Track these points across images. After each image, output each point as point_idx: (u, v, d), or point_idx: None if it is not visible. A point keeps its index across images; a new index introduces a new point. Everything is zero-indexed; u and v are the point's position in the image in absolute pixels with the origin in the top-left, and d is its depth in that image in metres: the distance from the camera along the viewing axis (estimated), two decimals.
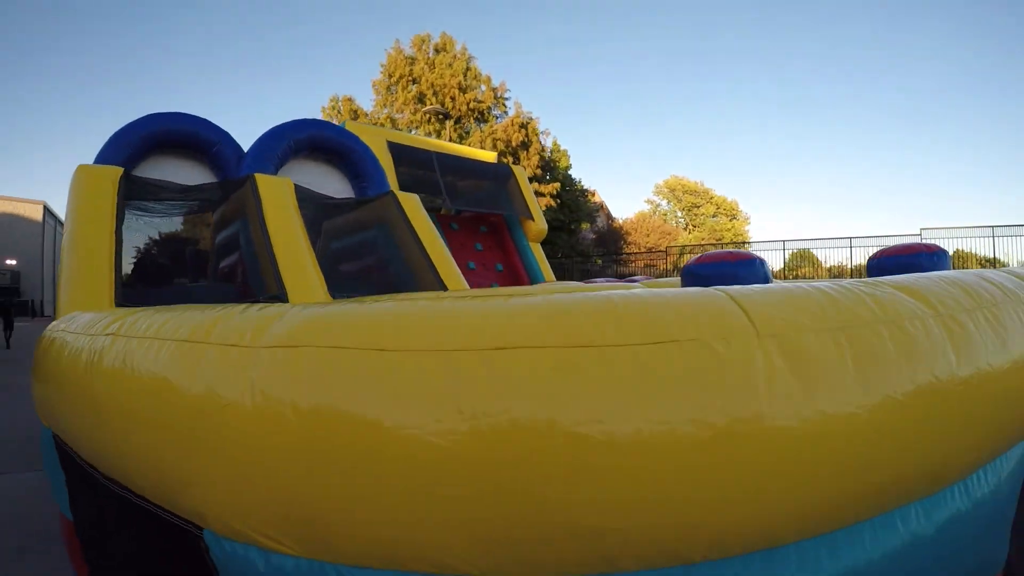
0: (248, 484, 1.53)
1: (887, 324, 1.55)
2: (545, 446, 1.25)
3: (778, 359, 1.34)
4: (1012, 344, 1.86)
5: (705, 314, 1.40)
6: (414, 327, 1.43)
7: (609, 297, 1.46)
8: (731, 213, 48.43)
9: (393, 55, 28.51)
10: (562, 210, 30.90)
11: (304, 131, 7.23)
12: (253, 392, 1.50)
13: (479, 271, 11.67)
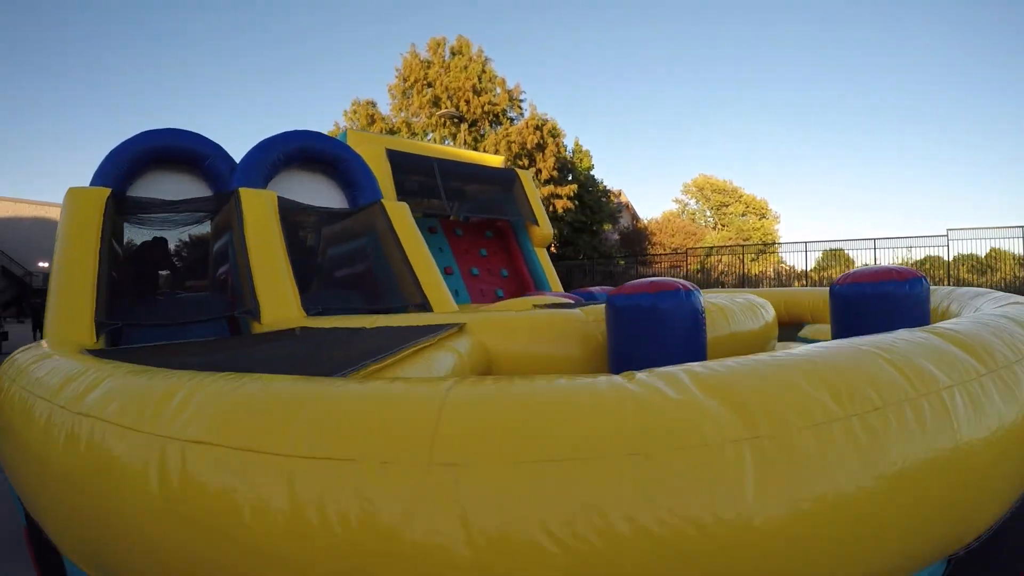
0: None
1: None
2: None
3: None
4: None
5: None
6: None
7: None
8: (760, 212, 47.61)
9: (409, 59, 28.53)
10: (584, 211, 30.66)
11: (293, 142, 7.35)
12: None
13: (483, 277, 11.69)
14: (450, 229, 12.10)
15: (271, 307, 5.39)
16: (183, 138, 7.15)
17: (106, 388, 1.98)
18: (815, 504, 1.32)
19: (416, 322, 4.35)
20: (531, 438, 1.32)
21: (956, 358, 1.87)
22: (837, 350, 1.77)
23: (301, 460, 1.39)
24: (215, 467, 1.50)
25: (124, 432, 1.73)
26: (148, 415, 1.72)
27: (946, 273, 22.82)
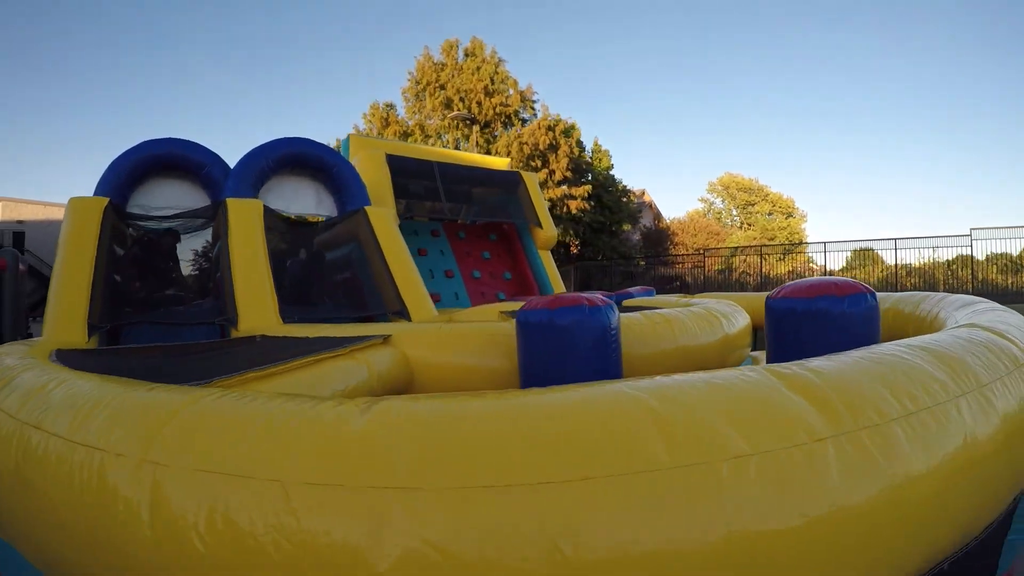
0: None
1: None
2: None
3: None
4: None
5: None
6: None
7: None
8: (787, 211, 46.99)
9: (422, 62, 28.63)
10: (602, 211, 30.55)
11: (281, 149, 7.61)
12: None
13: (484, 280, 11.85)
14: (453, 232, 12.27)
15: (248, 315, 5.66)
16: (181, 147, 7.47)
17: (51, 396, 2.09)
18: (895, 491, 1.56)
19: (351, 333, 4.50)
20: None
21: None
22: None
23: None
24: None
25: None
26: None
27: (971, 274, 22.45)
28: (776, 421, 1.49)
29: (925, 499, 1.62)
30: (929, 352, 2.00)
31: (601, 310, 3.50)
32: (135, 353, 4.22)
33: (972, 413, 1.82)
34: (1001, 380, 2.03)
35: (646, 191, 46.52)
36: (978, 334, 2.35)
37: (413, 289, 6.80)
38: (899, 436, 1.60)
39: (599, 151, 32.14)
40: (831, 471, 1.44)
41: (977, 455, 1.78)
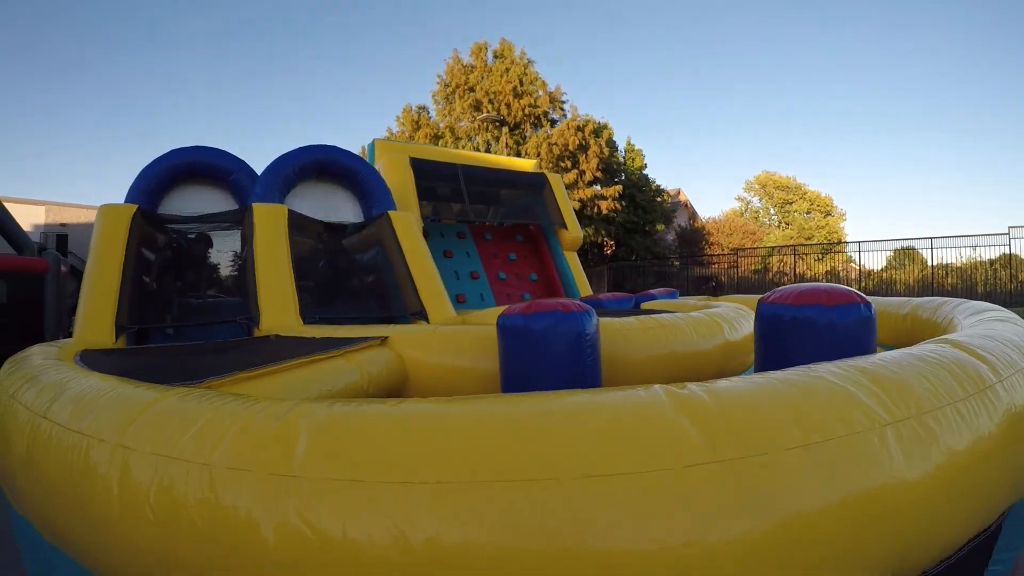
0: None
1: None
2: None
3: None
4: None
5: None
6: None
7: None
8: (825, 209, 46.10)
9: (451, 64, 28.69)
10: (635, 211, 30.34)
11: (307, 156, 7.82)
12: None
13: (510, 281, 11.93)
14: (479, 234, 12.39)
15: (270, 315, 5.84)
16: (209, 155, 7.75)
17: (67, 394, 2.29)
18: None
19: (356, 334, 4.63)
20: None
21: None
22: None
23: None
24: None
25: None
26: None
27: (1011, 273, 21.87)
28: (648, 443, 1.46)
29: (822, 539, 1.47)
30: (867, 374, 1.83)
31: (575, 316, 3.51)
32: (149, 353, 4.46)
33: (902, 445, 1.63)
34: (953, 407, 1.82)
35: (681, 190, 46.10)
36: (946, 352, 2.15)
37: (432, 291, 6.92)
38: (791, 468, 1.47)
39: (632, 151, 31.95)
40: (704, 500, 1.37)
41: (902, 499, 1.58)
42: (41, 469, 1.97)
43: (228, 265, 7.93)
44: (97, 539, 1.72)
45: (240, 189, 7.67)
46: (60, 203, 35.31)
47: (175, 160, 7.55)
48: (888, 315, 5.46)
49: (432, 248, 10.98)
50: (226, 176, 7.76)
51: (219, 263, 8.04)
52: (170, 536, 1.46)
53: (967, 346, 2.27)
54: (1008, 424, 1.95)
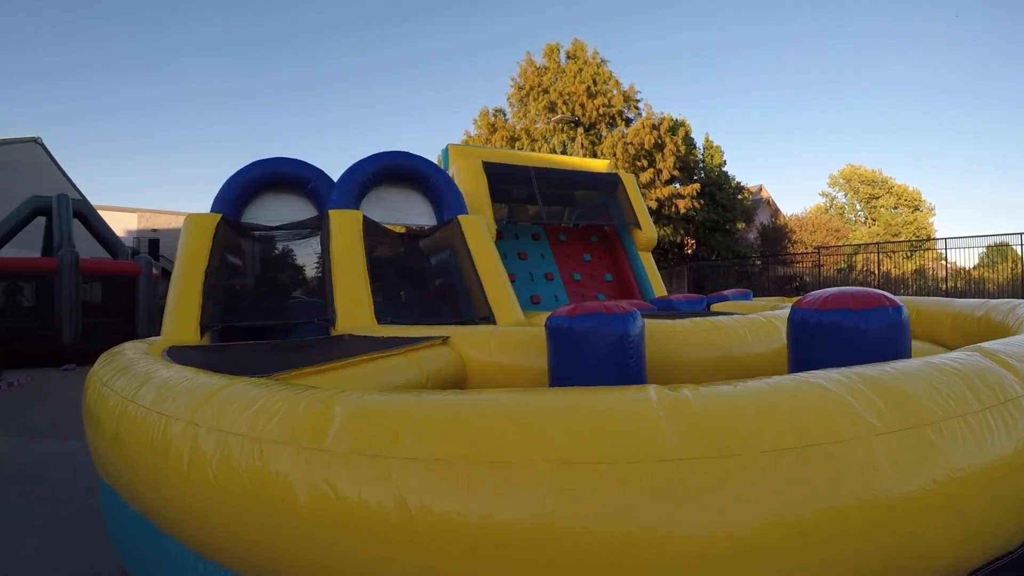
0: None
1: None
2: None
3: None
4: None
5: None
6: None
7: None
8: (913, 204, 44.08)
9: (524, 67, 28.89)
10: (715, 209, 29.86)
11: (380, 162, 8.11)
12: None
13: (585, 282, 11.92)
14: (553, 235, 12.44)
15: (345, 316, 6.11)
16: (287, 165, 8.13)
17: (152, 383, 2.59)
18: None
19: (420, 334, 4.84)
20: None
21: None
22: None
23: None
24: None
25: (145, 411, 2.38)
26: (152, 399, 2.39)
27: None
28: (626, 436, 1.53)
29: (791, 548, 1.45)
30: (869, 382, 1.73)
31: (618, 318, 3.56)
32: (228, 350, 4.81)
33: (892, 458, 1.54)
34: (962, 419, 1.69)
35: (763, 187, 45.09)
36: (969, 360, 1.99)
37: (500, 295, 7.04)
38: (763, 471, 1.47)
39: (710, 147, 31.46)
40: (670, 495, 1.43)
41: (887, 515, 1.51)
42: (127, 444, 2.30)
43: (308, 269, 8.29)
44: (169, 500, 2.05)
45: (318, 196, 8.00)
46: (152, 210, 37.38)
47: (256, 171, 7.94)
48: (962, 317, 5.13)
49: (507, 250, 11.17)
50: (304, 184, 8.10)
51: (299, 267, 8.42)
52: (227, 496, 1.79)
53: (997, 354, 2.07)
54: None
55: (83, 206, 18.91)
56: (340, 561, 1.61)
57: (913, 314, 6.10)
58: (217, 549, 1.95)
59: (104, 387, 2.76)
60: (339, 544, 1.59)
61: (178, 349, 4.20)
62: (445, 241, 7.95)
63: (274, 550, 1.73)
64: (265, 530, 1.72)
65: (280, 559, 1.74)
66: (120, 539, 2.72)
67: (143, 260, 17.90)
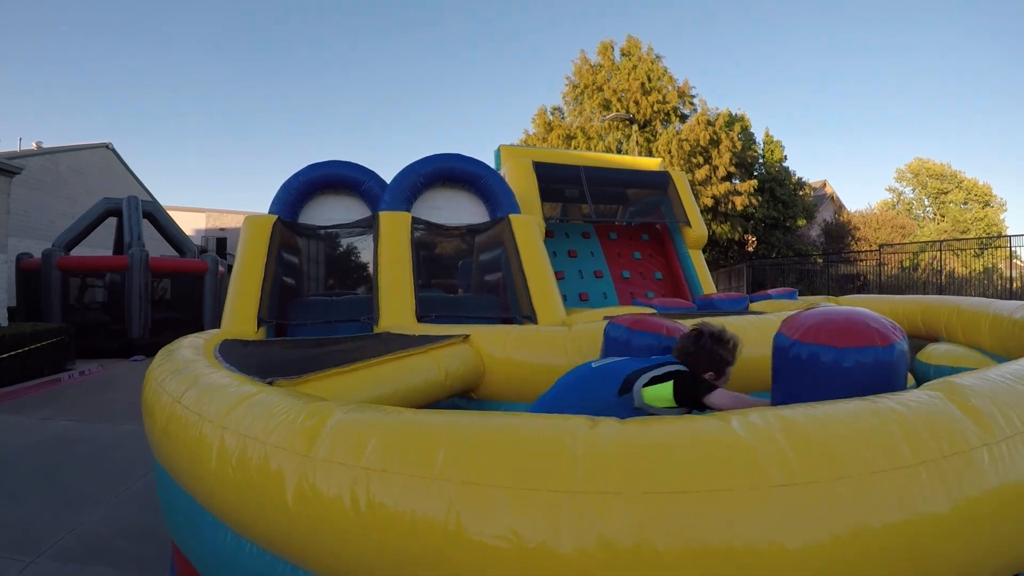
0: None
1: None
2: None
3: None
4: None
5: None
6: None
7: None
8: (983, 199, 42.05)
9: (579, 65, 28.80)
10: (775, 206, 29.26)
11: (432, 165, 8.32)
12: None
13: (634, 279, 11.93)
14: (604, 233, 12.48)
15: (388, 314, 6.38)
16: (341, 168, 8.43)
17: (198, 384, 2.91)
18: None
19: (446, 332, 5.05)
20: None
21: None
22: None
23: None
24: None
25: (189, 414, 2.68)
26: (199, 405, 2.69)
27: None
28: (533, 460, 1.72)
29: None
30: (788, 427, 1.68)
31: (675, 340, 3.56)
32: (274, 345, 5.09)
33: (786, 510, 1.51)
34: (887, 474, 1.58)
35: (827, 182, 43.97)
36: (922, 400, 1.84)
37: (544, 295, 7.16)
38: (652, 511, 1.53)
39: (770, 142, 30.80)
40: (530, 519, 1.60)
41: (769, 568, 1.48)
42: (173, 437, 2.66)
43: (358, 268, 8.59)
44: (201, 484, 2.42)
45: (371, 197, 8.25)
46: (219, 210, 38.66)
47: (311, 175, 8.26)
48: (999, 321, 4.87)
49: (557, 248, 11.28)
50: (358, 186, 8.37)
51: (350, 266, 8.73)
52: (240, 484, 2.15)
53: (964, 394, 1.88)
54: (980, 501, 1.63)
55: (152, 207, 19.73)
56: (313, 537, 1.93)
57: (952, 315, 6.06)
58: (235, 523, 2.31)
59: (158, 386, 3.11)
60: (313, 526, 1.91)
61: (230, 344, 4.48)
62: (496, 239, 8.12)
63: (271, 528, 2.09)
64: (265, 513, 2.06)
65: (274, 535, 2.09)
66: (169, 511, 3.09)
67: (209, 258, 18.57)
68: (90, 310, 16.95)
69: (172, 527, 3.13)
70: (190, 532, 2.75)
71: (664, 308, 7.87)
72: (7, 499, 5.25)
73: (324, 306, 7.50)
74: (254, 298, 6.50)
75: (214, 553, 2.50)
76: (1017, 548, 1.71)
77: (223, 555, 2.43)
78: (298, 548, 2.01)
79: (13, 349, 10.72)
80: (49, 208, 22.70)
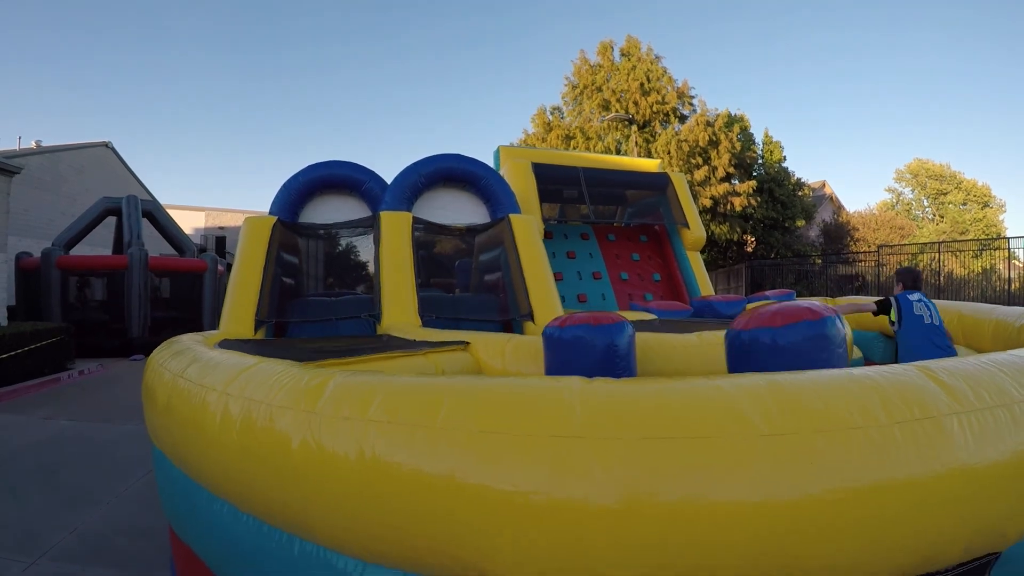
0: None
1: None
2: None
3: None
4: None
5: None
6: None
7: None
8: (982, 200, 42.00)
9: (579, 65, 28.76)
10: (774, 206, 29.30)
11: (431, 166, 8.32)
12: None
13: (632, 281, 11.93)
14: (602, 235, 12.47)
15: (390, 314, 6.41)
16: (342, 168, 8.44)
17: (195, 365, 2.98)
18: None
19: (446, 338, 5.08)
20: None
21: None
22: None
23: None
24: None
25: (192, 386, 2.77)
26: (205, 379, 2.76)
27: None
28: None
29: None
30: (773, 387, 1.76)
31: (605, 328, 3.73)
32: (275, 344, 5.13)
33: (774, 462, 1.58)
34: (862, 431, 1.65)
35: (826, 182, 44.02)
36: (897, 372, 1.92)
37: (542, 295, 7.18)
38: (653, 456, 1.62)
39: (770, 143, 30.83)
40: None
41: (754, 521, 1.55)
42: (175, 411, 2.76)
43: (358, 267, 8.62)
44: (205, 453, 2.51)
45: (372, 197, 8.27)
46: (218, 208, 38.70)
47: (311, 175, 8.27)
48: (1002, 326, 4.90)
49: (556, 249, 11.29)
50: (358, 187, 8.38)
51: (350, 265, 8.76)
52: (247, 446, 2.23)
53: (937, 372, 1.94)
54: (954, 469, 1.69)
55: (151, 206, 19.75)
56: (317, 495, 1.99)
57: (954, 319, 6.04)
58: (236, 494, 2.39)
59: (160, 367, 3.22)
60: (318, 482, 1.97)
61: (230, 342, 4.53)
62: (496, 238, 8.14)
63: (274, 491, 2.14)
64: (269, 471, 2.14)
65: (277, 498, 2.14)
66: (167, 497, 3.16)
67: (208, 257, 18.60)
68: (89, 309, 16.98)
69: (170, 513, 3.21)
70: (188, 513, 2.84)
71: (662, 312, 7.90)
72: (8, 498, 5.28)
73: (324, 306, 7.52)
74: (252, 300, 6.53)
75: (211, 530, 2.59)
76: (987, 518, 1.76)
77: (220, 530, 2.52)
78: (299, 509, 2.07)
79: (13, 349, 10.74)
80: (48, 207, 22.72)
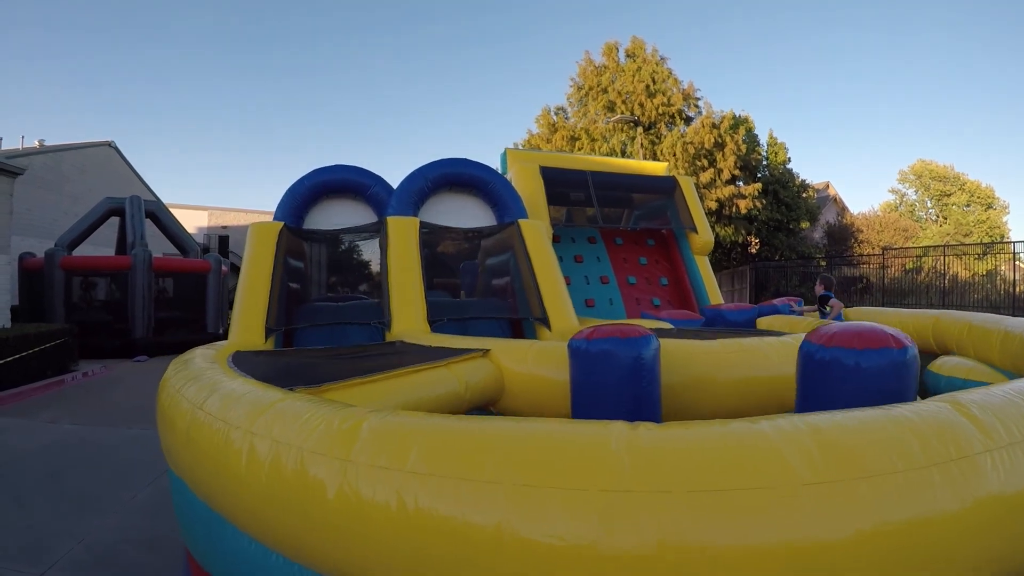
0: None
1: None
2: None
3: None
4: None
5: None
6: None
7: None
8: (986, 201, 41.84)
9: (584, 66, 28.64)
10: (779, 208, 29.22)
11: (437, 170, 8.24)
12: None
13: (640, 285, 11.87)
14: (610, 239, 12.41)
15: (400, 320, 6.39)
16: (347, 172, 8.35)
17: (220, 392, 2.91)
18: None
19: (464, 345, 5.04)
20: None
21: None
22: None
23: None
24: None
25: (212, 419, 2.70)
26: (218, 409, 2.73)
27: None
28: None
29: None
30: (815, 432, 1.78)
31: (632, 341, 3.70)
32: (288, 355, 5.02)
33: (821, 506, 1.63)
34: (903, 475, 1.69)
35: (830, 183, 43.92)
36: (932, 410, 1.95)
37: (556, 299, 7.12)
38: (695, 507, 1.63)
39: (774, 144, 30.78)
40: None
41: (815, 561, 1.60)
42: (196, 444, 2.67)
43: (366, 272, 8.55)
44: (229, 493, 2.46)
45: (378, 201, 8.19)
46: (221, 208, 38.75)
47: (317, 179, 8.18)
48: (1011, 338, 4.86)
49: (563, 253, 11.21)
50: (364, 191, 8.30)
51: (358, 271, 8.70)
52: (274, 492, 2.17)
53: (966, 405, 2.00)
54: (984, 503, 1.73)
55: (155, 206, 19.71)
56: (356, 543, 1.97)
57: (964, 330, 6.02)
58: (264, 533, 2.35)
59: (177, 394, 3.11)
60: (356, 530, 1.95)
61: (242, 355, 4.44)
62: (505, 243, 8.08)
63: (308, 534, 2.11)
64: (302, 518, 2.10)
65: (311, 543, 2.12)
66: (185, 522, 3.12)
67: (212, 258, 18.57)
68: (93, 309, 16.95)
69: (190, 541, 3.14)
70: (211, 545, 2.78)
71: (674, 322, 7.84)
72: (15, 505, 5.24)
73: (331, 311, 7.47)
74: (262, 308, 6.45)
75: (239, 565, 2.55)
76: (1019, 549, 1.81)
77: (249, 566, 2.48)
78: (336, 556, 2.04)
79: (18, 351, 10.70)
80: (52, 206, 22.71)
